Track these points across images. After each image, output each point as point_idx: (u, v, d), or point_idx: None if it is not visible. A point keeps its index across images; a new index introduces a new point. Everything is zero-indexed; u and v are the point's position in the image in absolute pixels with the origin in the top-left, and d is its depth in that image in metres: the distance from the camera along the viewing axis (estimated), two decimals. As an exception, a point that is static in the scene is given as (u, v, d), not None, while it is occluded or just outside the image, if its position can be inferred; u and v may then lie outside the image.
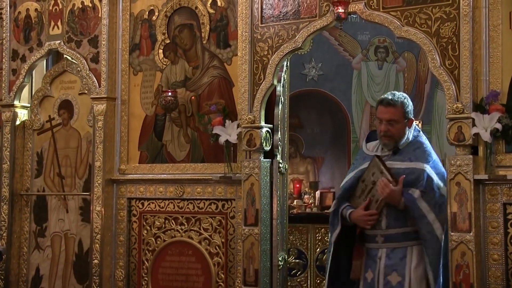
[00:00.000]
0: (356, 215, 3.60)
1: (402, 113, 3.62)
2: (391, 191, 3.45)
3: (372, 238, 3.62)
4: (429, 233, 3.47)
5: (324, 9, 4.71)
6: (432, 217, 3.49)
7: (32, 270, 5.92)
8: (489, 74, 4.20)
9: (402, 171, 3.54)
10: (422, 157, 3.60)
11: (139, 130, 5.54)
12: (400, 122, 3.61)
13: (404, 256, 3.52)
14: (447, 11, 4.31)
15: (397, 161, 3.60)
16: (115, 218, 5.54)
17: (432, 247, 3.49)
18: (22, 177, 5.98)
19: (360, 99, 8.67)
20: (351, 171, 3.78)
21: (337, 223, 3.69)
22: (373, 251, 3.62)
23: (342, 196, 3.75)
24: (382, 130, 3.60)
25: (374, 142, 3.76)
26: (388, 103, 3.61)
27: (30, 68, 5.94)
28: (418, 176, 3.53)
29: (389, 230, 3.55)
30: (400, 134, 3.64)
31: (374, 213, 3.53)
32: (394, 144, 3.63)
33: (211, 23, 5.24)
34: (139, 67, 5.57)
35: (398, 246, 3.54)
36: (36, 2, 5.95)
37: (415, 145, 3.66)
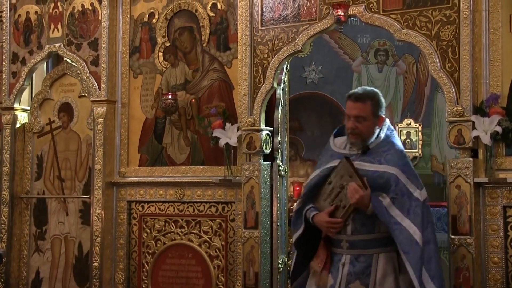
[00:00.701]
0: (320, 220, 3.35)
1: (372, 110, 3.34)
2: (361, 197, 3.21)
3: (337, 243, 3.38)
4: (407, 238, 3.18)
5: (324, 12, 4.72)
6: (407, 222, 3.20)
7: (32, 273, 5.91)
8: (489, 77, 4.20)
9: (371, 174, 3.28)
10: (393, 160, 3.31)
11: (139, 133, 5.54)
12: (369, 119, 3.33)
13: (369, 265, 3.26)
14: (447, 14, 4.31)
15: (366, 162, 3.33)
16: (115, 221, 5.53)
17: (413, 252, 3.18)
18: (22, 180, 5.98)
19: (360, 102, 8.66)
20: (317, 168, 3.51)
21: (300, 224, 3.47)
22: (337, 256, 3.38)
23: (307, 195, 3.49)
24: (349, 127, 3.35)
25: (343, 138, 3.50)
26: (356, 98, 3.37)
27: (30, 71, 5.95)
28: (388, 180, 3.26)
29: (354, 235, 3.30)
30: (368, 132, 3.35)
31: (339, 221, 3.28)
32: (361, 143, 3.36)
33: (211, 26, 5.25)
34: (139, 70, 5.57)
35: (363, 253, 3.29)
36: (36, 5, 5.95)
37: (386, 146, 3.37)
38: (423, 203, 3.26)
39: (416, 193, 3.28)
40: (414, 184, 3.30)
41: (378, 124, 3.37)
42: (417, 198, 3.26)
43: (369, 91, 3.45)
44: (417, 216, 3.22)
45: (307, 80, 8.58)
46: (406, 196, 3.24)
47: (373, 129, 3.35)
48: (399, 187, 3.25)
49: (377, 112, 3.37)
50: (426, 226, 3.23)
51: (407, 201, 3.23)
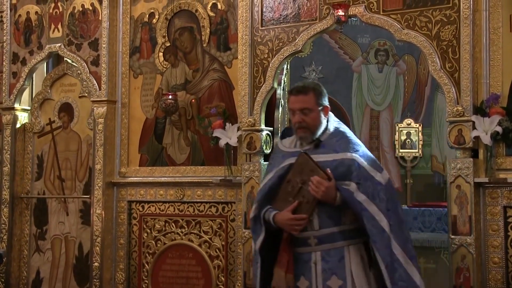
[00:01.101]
0: (282, 219, 3.14)
1: (315, 100, 3.22)
2: (326, 188, 3.05)
3: (303, 241, 3.17)
4: (374, 226, 3.06)
5: (324, 12, 4.71)
6: (373, 208, 3.07)
7: (33, 273, 5.91)
8: (490, 77, 4.20)
9: (330, 163, 3.13)
10: (348, 147, 3.20)
11: (139, 133, 5.54)
12: (314, 110, 3.20)
13: (342, 257, 3.13)
14: (448, 14, 4.31)
15: (322, 153, 3.19)
16: (116, 221, 5.53)
17: (380, 240, 3.05)
18: (22, 180, 5.98)
19: (361, 102, 8.67)
20: (269, 172, 3.34)
21: (260, 229, 3.26)
22: (305, 255, 3.18)
23: (262, 200, 3.29)
24: (296, 121, 3.20)
25: (290, 138, 3.37)
26: (298, 91, 3.24)
27: (30, 71, 5.95)
28: (349, 167, 3.14)
29: (322, 230, 3.13)
30: (315, 124, 3.22)
31: (304, 217, 3.10)
32: (311, 136, 3.22)
33: (211, 26, 5.25)
34: (140, 70, 5.57)
35: (334, 247, 3.14)
36: (36, 5, 5.95)
37: (338, 136, 3.25)
38: (386, 186, 3.15)
39: (378, 176, 3.15)
40: (374, 168, 3.18)
41: (324, 115, 3.26)
42: (379, 181, 3.14)
43: (309, 83, 3.39)
44: (382, 202, 3.10)
45: (307, 80, 8.58)
46: (369, 181, 3.13)
47: (320, 119, 3.23)
48: (361, 172, 3.14)
49: (321, 101, 3.25)
50: (394, 208, 3.14)
51: (371, 185, 3.12)
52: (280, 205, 3.19)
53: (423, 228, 5.25)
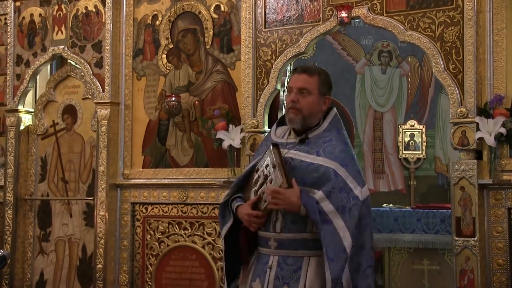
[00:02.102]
0: (242, 212, 2.89)
1: (318, 84, 2.91)
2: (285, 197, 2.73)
3: (264, 242, 2.89)
4: (335, 243, 2.69)
5: (327, 14, 4.71)
6: (339, 223, 2.71)
7: (36, 275, 5.92)
8: (493, 78, 4.20)
9: (305, 165, 2.81)
10: (333, 153, 2.83)
11: (142, 135, 5.54)
12: (314, 93, 2.88)
13: (299, 268, 2.80)
14: (451, 15, 4.31)
15: (303, 152, 2.86)
16: (119, 223, 5.54)
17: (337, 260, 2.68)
18: (26, 181, 5.99)
19: (364, 104, 8.65)
20: (254, 159, 3.07)
21: (228, 215, 2.99)
22: (264, 257, 2.89)
23: (236, 185, 3.03)
24: (291, 99, 2.87)
25: (285, 127, 3.04)
26: (303, 70, 2.93)
27: (34, 73, 5.96)
28: (323, 175, 2.78)
29: (283, 234, 2.82)
30: (310, 110, 2.87)
31: (259, 214, 2.82)
32: (301, 121, 2.88)
33: (215, 28, 5.25)
34: (143, 72, 5.57)
35: (293, 255, 2.81)
36: (40, 7, 5.97)
37: (328, 136, 2.90)
38: (363, 203, 2.79)
39: (357, 190, 2.78)
40: (356, 180, 2.80)
41: (322, 105, 2.92)
42: (357, 196, 2.77)
43: (316, 67, 3.06)
44: (353, 218, 2.73)
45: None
46: (345, 192, 2.76)
47: (316, 107, 2.90)
48: (337, 182, 2.77)
49: (324, 89, 2.93)
50: (363, 230, 2.78)
51: (345, 197, 2.75)
52: (246, 195, 2.97)
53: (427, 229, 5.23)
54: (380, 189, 8.53)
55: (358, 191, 2.79)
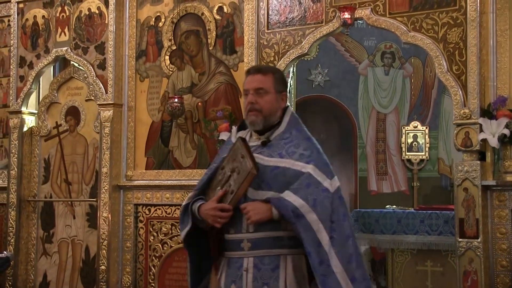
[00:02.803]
0: (205, 208, 2.77)
1: (274, 83, 2.86)
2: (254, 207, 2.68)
3: (236, 245, 2.78)
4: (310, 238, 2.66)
5: (330, 15, 4.71)
6: (312, 217, 2.67)
7: (40, 276, 5.92)
8: (497, 80, 4.19)
9: (270, 170, 2.75)
10: (296, 152, 2.80)
11: (145, 136, 5.54)
12: (271, 92, 2.84)
13: (277, 267, 2.73)
14: (454, 17, 4.30)
15: (265, 155, 2.80)
16: (122, 224, 5.54)
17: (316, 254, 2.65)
18: (29, 183, 5.99)
19: (367, 105, 8.65)
20: (214, 162, 3.01)
21: (187, 220, 2.88)
22: (237, 261, 2.78)
23: (199, 189, 2.93)
24: (249, 101, 2.83)
25: (245, 131, 2.99)
26: (257, 70, 2.90)
27: (37, 75, 5.97)
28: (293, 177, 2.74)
29: (257, 233, 2.74)
30: (270, 108, 2.84)
31: (226, 207, 2.72)
32: (262, 121, 2.85)
33: (218, 29, 5.25)
34: (146, 74, 5.58)
35: (269, 254, 2.74)
36: (43, 9, 5.98)
37: (288, 138, 2.86)
38: (334, 194, 2.75)
39: (326, 183, 2.75)
40: (324, 173, 2.78)
41: (280, 102, 2.89)
42: (327, 188, 2.74)
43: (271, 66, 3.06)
44: (325, 210, 2.70)
45: (314, 83, 8.57)
46: (313, 186, 2.73)
47: (275, 105, 2.86)
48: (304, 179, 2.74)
49: (280, 87, 2.89)
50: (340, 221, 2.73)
51: (315, 191, 2.72)
52: (210, 195, 2.85)
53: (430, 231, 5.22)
54: (383, 191, 8.53)
55: (327, 184, 2.76)
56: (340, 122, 8.79)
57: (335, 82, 8.59)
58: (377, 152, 8.60)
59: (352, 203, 8.49)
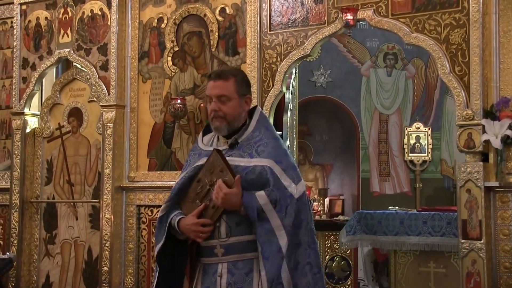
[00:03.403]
0: (186, 224, 2.78)
1: (236, 87, 2.84)
2: (225, 195, 2.69)
3: (209, 251, 2.79)
4: (271, 242, 2.68)
5: (332, 16, 4.71)
6: (276, 222, 2.69)
7: (42, 277, 5.93)
8: (500, 81, 4.18)
9: (241, 170, 2.76)
10: (265, 151, 2.80)
11: (148, 138, 5.55)
12: (233, 98, 2.82)
13: (251, 270, 2.75)
14: (457, 18, 4.29)
15: (236, 156, 2.81)
16: (124, 225, 5.54)
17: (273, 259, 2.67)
18: (32, 184, 6.00)
19: (369, 106, 8.65)
20: (184, 171, 2.97)
21: (163, 234, 2.87)
22: (211, 267, 2.79)
23: (172, 201, 2.91)
24: (212, 109, 2.81)
25: (210, 134, 2.98)
26: (217, 76, 2.84)
27: (40, 76, 5.98)
28: (259, 175, 2.75)
29: (230, 238, 2.76)
30: (234, 114, 2.83)
31: (207, 222, 2.74)
32: (227, 126, 2.84)
33: (220, 30, 5.25)
34: (148, 75, 5.58)
35: (242, 259, 2.76)
36: (46, 11, 5.99)
37: (258, 136, 2.86)
38: (298, 200, 2.75)
39: (291, 187, 2.75)
40: (290, 177, 2.77)
41: (244, 106, 2.87)
42: (291, 194, 2.74)
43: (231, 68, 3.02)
44: (289, 217, 2.70)
45: (316, 84, 8.57)
46: (281, 191, 2.73)
47: (239, 110, 2.85)
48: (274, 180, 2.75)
49: (242, 90, 2.86)
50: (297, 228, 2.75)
51: (282, 195, 2.73)
52: (188, 208, 2.85)
53: (433, 232, 5.21)
54: (385, 192, 8.51)
55: (293, 188, 2.76)
56: (342, 123, 8.78)
57: (337, 83, 8.59)
58: (380, 153, 8.59)
59: (354, 204, 8.49)
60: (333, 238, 6.36)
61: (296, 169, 2.86)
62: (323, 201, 8.03)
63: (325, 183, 8.72)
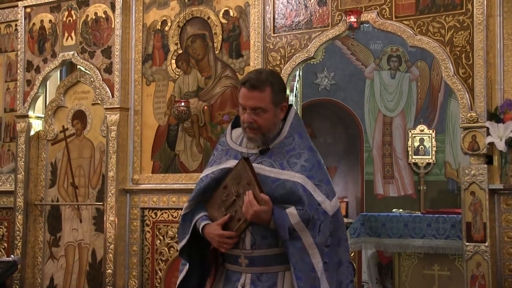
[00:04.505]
0: (210, 232, 2.71)
1: (272, 98, 2.67)
2: (256, 213, 2.57)
3: (234, 259, 2.73)
4: (303, 261, 2.57)
5: (336, 19, 4.71)
6: (308, 240, 2.58)
7: (46, 280, 5.93)
8: (504, 83, 4.17)
9: (270, 182, 2.63)
10: (297, 163, 2.67)
11: (152, 140, 5.55)
12: (269, 109, 2.67)
13: (274, 284, 2.67)
14: (461, 20, 4.29)
15: (266, 165, 2.67)
16: (128, 228, 5.54)
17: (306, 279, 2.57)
18: (36, 187, 6.01)
19: (373, 109, 8.64)
20: (209, 165, 2.86)
21: (187, 230, 2.81)
22: (235, 275, 2.73)
23: (196, 199, 2.84)
24: (246, 120, 2.67)
25: (240, 130, 2.80)
26: (253, 87, 2.67)
27: (44, 79, 5.99)
28: (290, 190, 2.62)
29: (255, 251, 2.67)
30: (269, 126, 2.69)
31: (232, 235, 2.65)
32: (261, 138, 2.70)
33: (224, 33, 5.26)
34: (152, 77, 5.59)
35: (266, 272, 2.68)
36: (50, 14, 6.00)
37: (291, 144, 2.72)
38: (333, 218, 2.65)
39: (325, 204, 2.62)
40: (324, 193, 2.65)
41: (280, 114, 2.72)
42: (325, 211, 2.61)
43: (266, 75, 2.72)
44: (322, 235, 2.60)
45: (320, 86, 8.57)
46: (314, 208, 2.61)
47: (274, 120, 2.71)
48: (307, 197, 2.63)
49: (278, 99, 2.70)
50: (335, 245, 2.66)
51: (314, 213, 2.61)
52: (213, 213, 2.78)
53: (437, 235, 5.20)
54: (389, 194, 8.50)
55: (327, 205, 2.63)
56: (346, 126, 8.78)
57: (341, 86, 8.59)
58: (384, 155, 8.58)
59: (358, 207, 8.48)
60: (337, 241, 6.33)
61: (330, 183, 2.73)
62: (327, 203, 8.00)
63: (329, 186, 8.69)
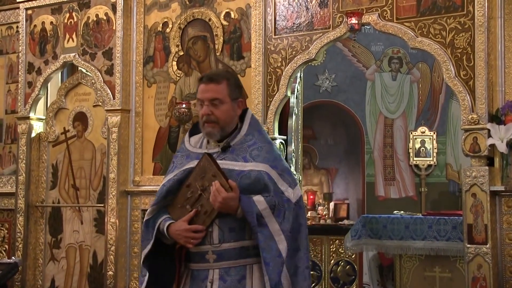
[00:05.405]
0: (176, 229, 2.70)
1: (228, 90, 2.76)
2: (224, 199, 2.61)
3: (200, 257, 2.72)
4: (270, 247, 2.64)
5: (337, 20, 4.71)
6: (275, 227, 2.66)
7: (48, 282, 5.93)
8: (505, 85, 4.18)
9: (236, 174, 2.69)
10: (260, 155, 2.74)
11: (153, 142, 5.55)
12: (226, 102, 2.75)
13: (243, 277, 2.69)
14: (462, 22, 4.29)
15: (229, 160, 2.74)
16: (130, 230, 5.54)
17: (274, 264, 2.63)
18: (37, 188, 6.01)
19: (374, 110, 8.64)
20: (170, 172, 2.87)
21: (150, 239, 2.80)
22: (201, 273, 2.72)
23: (159, 204, 2.83)
24: (204, 113, 2.75)
25: (198, 136, 2.89)
26: (210, 79, 2.78)
27: (45, 81, 6.00)
28: (256, 180, 2.69)
29: (223, 244, 2.69)
30: (226, 119, 2.76)
31: (200, 228, 2.67)
32: (219, 132, 2.77)
33: (225, 35, 5.26)
34: (153, 79, 5.59)
35: (235, 265, 2.69)
36: (51, 15, 6.01)
37: (252, 140, 2.79)
38: (295, 205, 2.73)
39: (288, 192, 2.72)
40: (286, 182, 2.74)
41: (237, 110, 2.80)
42: (288, 199, 2.71)
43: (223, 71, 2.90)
44: (286, 222, 2.68)
45: (321, 88, 8.57)
46: (278, 195, 2.70)
47: (232, 114, 2.78)
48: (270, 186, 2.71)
49: (235, 94, 2.79)
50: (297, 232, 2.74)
51: (279, 200, 2.70)
52: (177, 213, 2.76)
53: (438, 236, 5.19)
54: (391, 196, 8.50)
55: (289, 193, 2.72)
56: (347, 128, 8.78)
57: (342, 88, 8.58)
58: (385, 157, 8.58)
59: (359, 209, 8.47)
60: (338, 243, 6.34)
61: (291, 173, 2.81)
62: (328, 205, 8.01)
63: (330, 187, 8.71)
